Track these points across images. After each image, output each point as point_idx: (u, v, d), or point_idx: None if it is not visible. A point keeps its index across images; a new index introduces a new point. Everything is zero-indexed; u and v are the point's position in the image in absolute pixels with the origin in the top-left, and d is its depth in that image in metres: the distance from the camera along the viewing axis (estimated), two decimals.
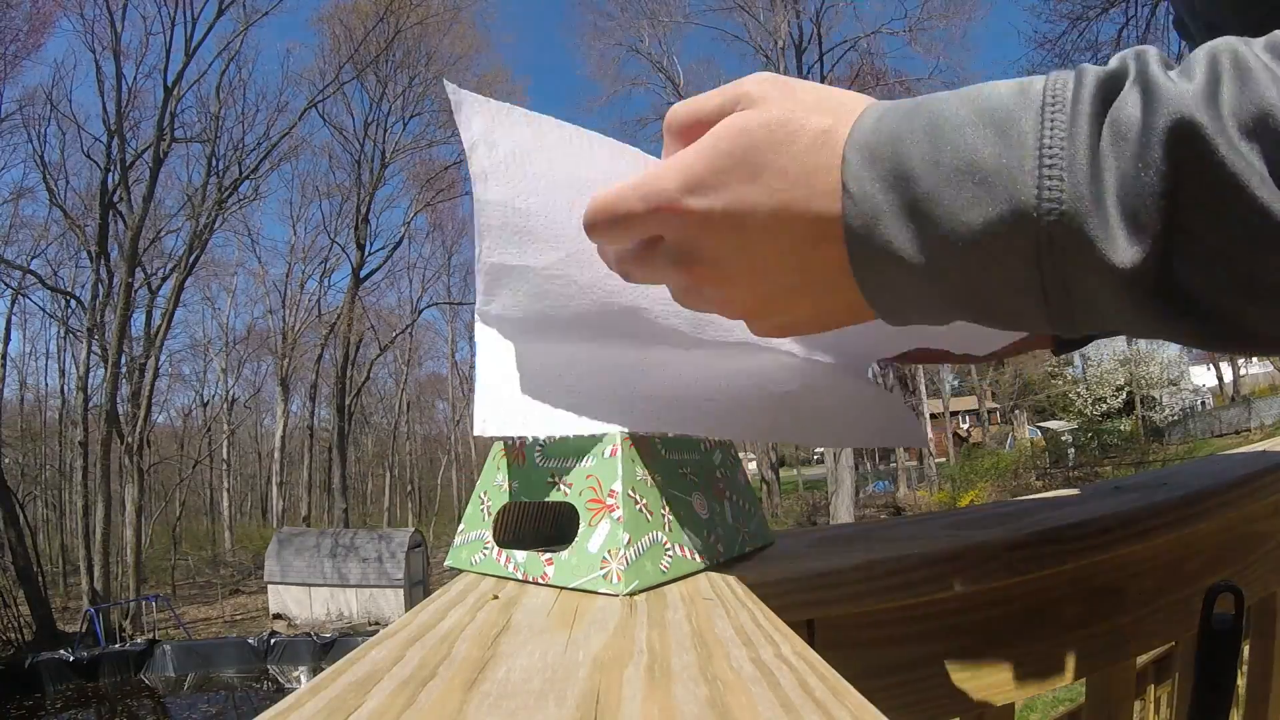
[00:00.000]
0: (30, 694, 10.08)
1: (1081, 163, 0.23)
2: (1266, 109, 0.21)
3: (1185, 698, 0.55)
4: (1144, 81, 0.23)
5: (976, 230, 0.25)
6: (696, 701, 0.20)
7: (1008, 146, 0.24)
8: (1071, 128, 0.24)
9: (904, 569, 0.44)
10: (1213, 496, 0.57)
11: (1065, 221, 0.23)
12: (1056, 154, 0.23)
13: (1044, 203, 0.23)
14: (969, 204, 0.25)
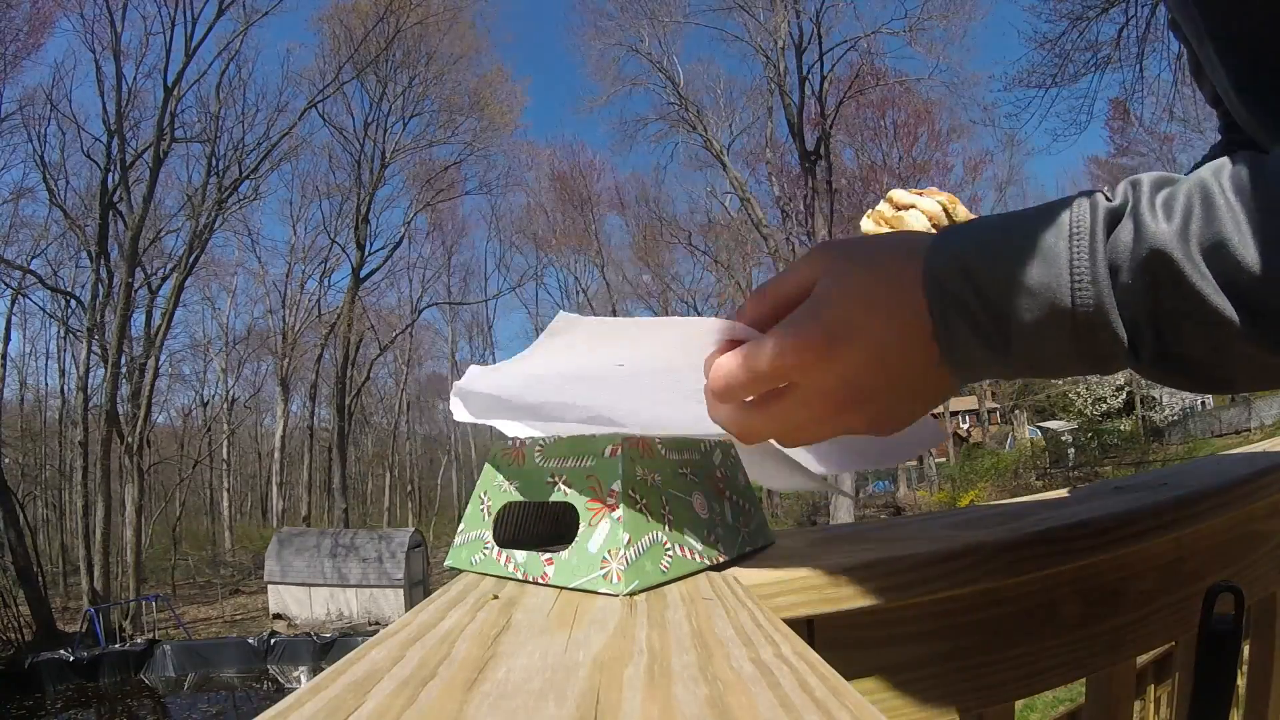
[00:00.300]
0: (30, 694, 10.08)
1: (1098, 277, 0.33)
2: (1223, 239, 0.31)
3: (1185, 698, 0.55)
4: (1135, 217, 0.33)
5: (1031, 325, 0.35)
6: (696, 701, 0.20)
7: (1048, 269, 0.34)
8: (1091, 252, 0.34)
9: (904, 569, 0.44)
10: (1213, 496, 0.57)
11: (1091, 315, 0.34)
12: (1082, 272, 0.34)
13: (1077, 306, 0.34)
14: (1024, 309, 0.35)
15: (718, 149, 18.96)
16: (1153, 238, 0.32)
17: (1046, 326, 0.35)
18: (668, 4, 19.34)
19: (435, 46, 21.41)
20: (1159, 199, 0.33)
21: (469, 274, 28.87)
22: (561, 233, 26.41)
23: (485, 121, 22.68)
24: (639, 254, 25.19)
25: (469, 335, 30.22)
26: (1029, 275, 0.34)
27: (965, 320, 0.36)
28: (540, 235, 27.17)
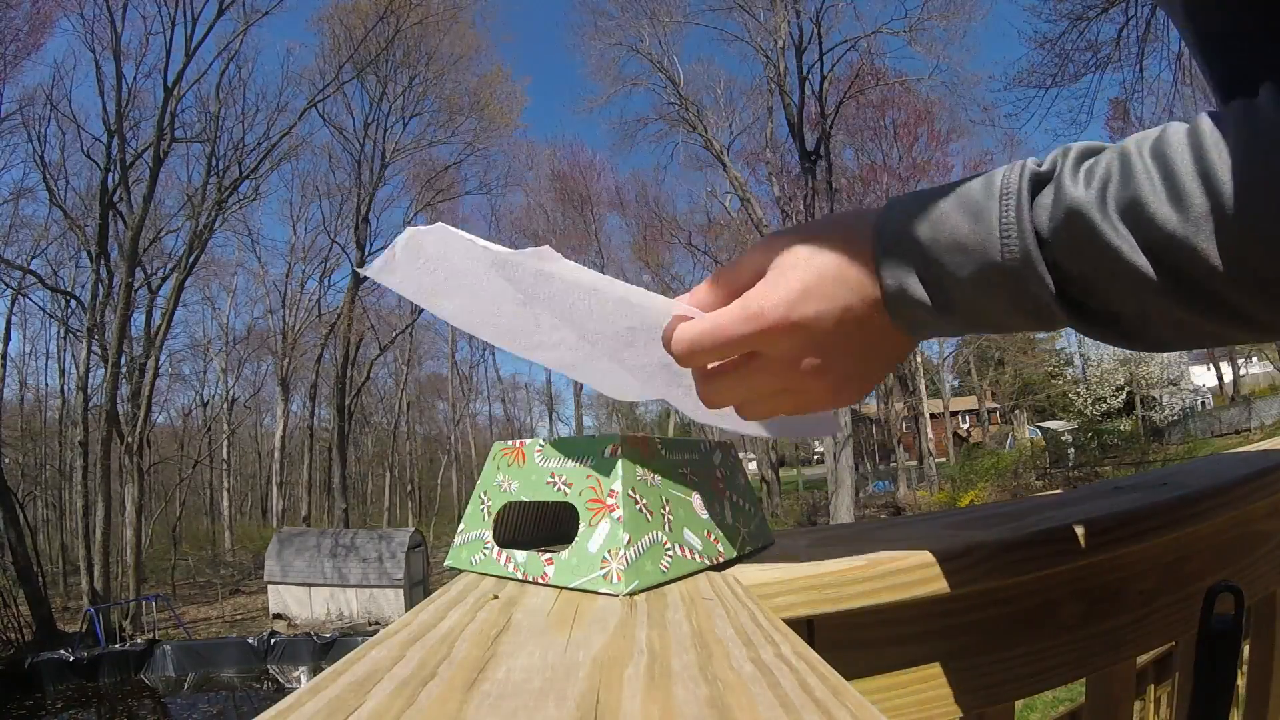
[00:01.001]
0: (30, 694, 10.08)
1: (1024, 232, 0.36)
2: (1139, 199, 0.32)
3: (1185, 698, 0.55)
4: (1057, 182, 0.36)
5: (968, 279, 0.38)
6: (696, 701, 0.20)
7: (980, 227, 0.37)
8: (1018, 210, 0.36)
9: (904, 569, 0.44)
10: (1213, 496, 0.57)
11: (1019, 269, 0.36)
12: (1010, 228, 0.36)
13: (1006, 260, 0.36)
14: (961, 265, 0.38)
15: (718, 149, 18.96)
16: (1070, 199, 0.34)
17: (981, 282, 0.37)
18: (668, 4, 19.34)
19: (435, 46, 21.41)
20: (1083, 166, 0.35)
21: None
22: (561, 233, 26.41)
23: (485, 121, 22.69)
24: (639, 254, 25.19)
25: (469, 335, 30.14)
26: (963, 233, 0.37)
27: (910, 279, 0.39)
28: (540, 235, 27.15)
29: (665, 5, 19.29)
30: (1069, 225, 0.35)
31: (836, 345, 0.41)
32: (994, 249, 0.36)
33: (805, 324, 0.40)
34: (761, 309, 0.40)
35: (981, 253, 0.37)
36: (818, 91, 17.24)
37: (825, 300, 0.40)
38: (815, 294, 0.40)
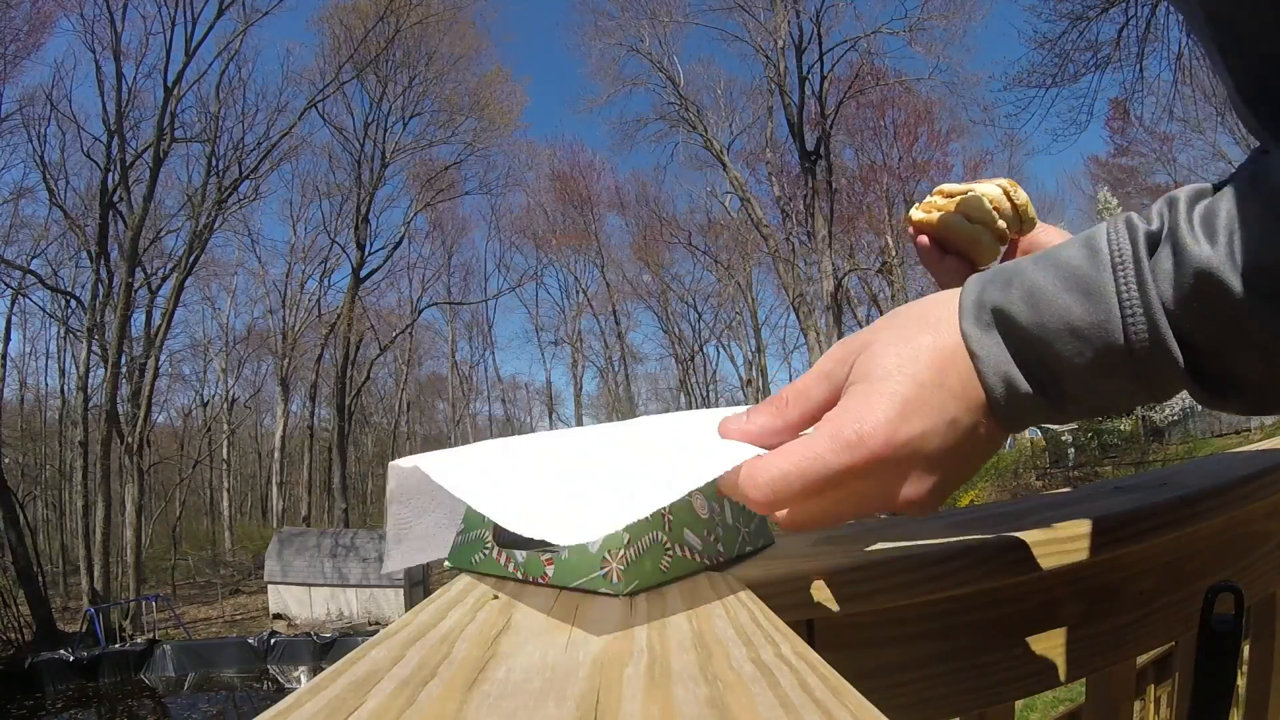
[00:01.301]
0: (30, 694, 10.08)
1: (1151, 308, 0.31)
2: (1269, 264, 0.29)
3: (1185, 698, 0.55)
4: (1174, 240, 0.31)
5: (1086, 368, 0.33)
6: (696, 701, 0.20)
7: (1096, 306, 0.32)
8: (1139, 283, 0.31)
9: (904, 569, 0.44)
10: (1213, 496, 0.57)
11: (1149, 350, 0.31)
12: (1133, 305, 0.31)
13: (1133, 343, 0.31)
14: (1076, 352, 0.33)
15: (718, 149, 18.97)
16: (1196, 260, 0.30)
17: (1102, 368, 0.32)
18: (668, 4, 19.36)
19: (435, 46, 21.42)
20: (1196, 217, 0.31)
21: (469, 274, 28.86)
22: (561, 233, 26.44)
23: (485, 121, 22.70)
24: (639, 254, 25.20)
25: (469, 335, 30.18)
26: (1075, 316, 0.32)
27: (1015, 374, 0.34)
28: (540, 235, 27.19)
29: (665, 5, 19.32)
30: (1199, 292, 0.30)
31: (943, 461, 0.35)
32: (1115, 331, 0.31)
33: (911, 445, 0.34)
34: (859, 434, 0.34)
35: (1101, 336, 0.32)
36: (818, 91, 17.25)
37: (929, 414, 0.34)
38: (917, 408, 0.34)
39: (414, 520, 0.49)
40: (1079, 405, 0.35)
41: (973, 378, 0.35)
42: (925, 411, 0.34)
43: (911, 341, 0.36)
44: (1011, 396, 0.34)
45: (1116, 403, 0.35)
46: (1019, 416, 0.35)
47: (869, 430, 0.34)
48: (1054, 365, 0.33)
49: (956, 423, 0.35)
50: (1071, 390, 0.34)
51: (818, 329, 17.27)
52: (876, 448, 0.34)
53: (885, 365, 0.35)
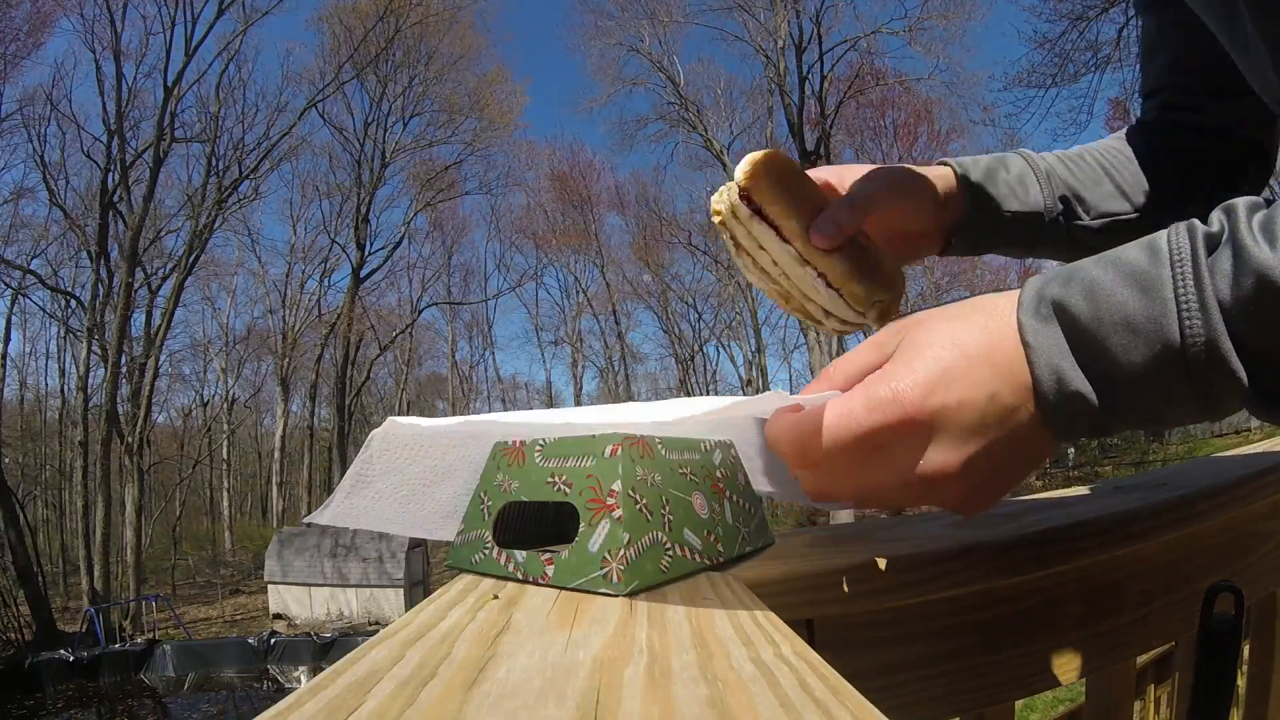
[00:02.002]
0: (30, 694, 10.08)
1: (1207, 304, 0.30)
2: None
3: (1185, 698, 0.55)
4: (1234, 243, 0.30)
5: (1139, 366, 0.32)
6: (696, 701, 0.20)
7: (1152, 301, 0.31)
8: (1195, 278, 0.31)
9: (904, 569, 0.44)
10: (1213, 496, 0.57)
11: (1204, 351, 0.30)
12: (1189, 302, 0.30)
13: (1186, 338, 0.30)
14: (1129, 348, 0.32)
15: (718, 149, 18.97)
16: (1257, 264, 0.29)
17: (1155, 366, 0.31)
18: (668, 4, 19.35)
19: (435, 46, 21.42)
20: (1256, 223, 0.30)
21: (469, 274, 28.87)
22: (561, 233, 26.43)
23: (485, 121, 22.70)
24: (639, 254, 25.19)
25: (469, 335, 30.20)
26: (1131, 309, 0.32)
27: (1067, 363, 0.33)
28: (540, 235, 27.19)
29: (665, 5, 19.31)
30: (1258, 294, 0.29)
31: (977, 437, 0.34)
32: (1170, 326, 0.31)
33: (947, 412, 0.34)
34: (895, 392, 0.34)
35: (1155, 331, 0.31)
36: (818, 91, 17.25)
37: (969, 385, 0.34)
38: (957, 376, 0.34)
39: (376, 478, 0.48)
40: (1127, 413, 0.33)
41: (1023, 364, 0.34)
42: (966, 382, 0.34)
43: (966, 320, 0.35)
44: (1061, 393, 0.33)
45: (1164, 413, 0.33)
46: (1066, 418, 0.34)
47: (904, 389, 0.33)
48: (1106, 362, 0.32)
49: (997, 398, 0.34)
50: (1121, 394, 0.32)
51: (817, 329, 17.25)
52: (909, 407, 0.33)
53: (934, 334, 0.35)
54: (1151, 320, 0.31)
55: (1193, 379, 0.31)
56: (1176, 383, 0.31)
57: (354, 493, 0.48)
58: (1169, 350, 0.31)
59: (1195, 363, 0.31)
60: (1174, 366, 0.31)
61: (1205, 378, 0.31)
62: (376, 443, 0.48)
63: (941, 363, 0.34)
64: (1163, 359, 0.31)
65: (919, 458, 0.35)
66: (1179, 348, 0.31)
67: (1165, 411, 0.33)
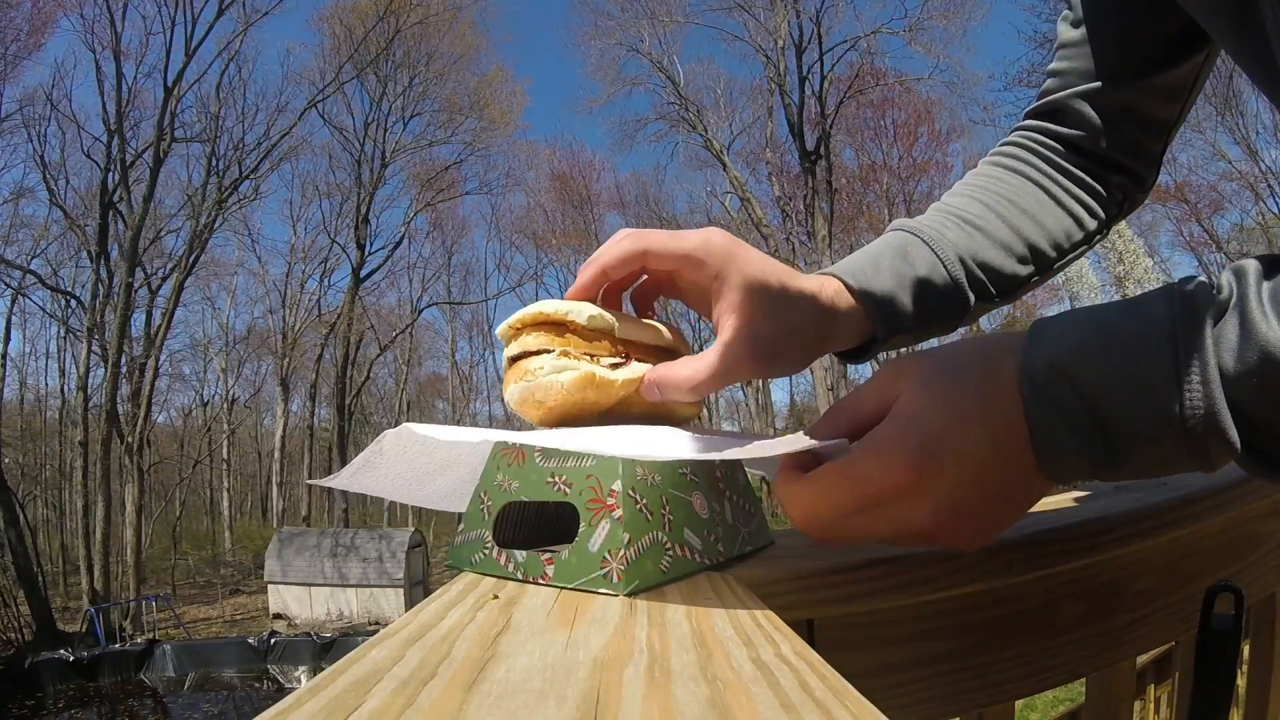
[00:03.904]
0: (31, 694, 10.08)
1: (1209, 378, 0.31)
2: None
3: (1185, 698, 0.55)
4: (1241, 314, 0.31)
5: (1136, 432, 0.32)
6: (696, 701, 0.20)
7: (1153, 368, 0.32)
8: (1199, 349, 0.31)
9: (904, 569, 0.44)
10: (1213, 496, 0.57)
11: (1201, 419, 0.31)
12: (1191, 373, 0.31)
13: (1186, 409, 0.31)
14: (1127, 413, 0.32)
15: (718, 149, 18.97)
16: (1263, 340, 0.30)
17: (1153, 431, 0.32)
18: (668, 4, 19.36)
19: (435, 46, 21.42)
20: (1265, 294, 0.31)
21: (469, 274, 28.88)
22: (561, 233, 26.42)
23: (485, 121, 22.70)
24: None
25: (469, 335, 30.22)
26: (1132, 377, 0.32)
27: (1065, 426, 0.34)
28: (540, 235, 27.18)
29: (665, 5, 19.32)
30: (1263, 372, 0.30)
31: (975, 501, 0.36)
32: (1171, 396, 0.31)
33: (940, 482, 0.35)
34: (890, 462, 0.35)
35: (1155, 400, 0.32)
36: (818, 91, 17.24)
37: (964, 452, 0.35)
38: (953, 444, 0.35)
39: (384, 465, 0.49)
40: (1123, 465, 0.34)
41: (1018, 420, 0.35)
42: (964, 445, 0.35)
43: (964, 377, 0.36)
44: (1057, 444, 0.34)
45: (1162, 468, 0.34)
46: (1063, 471, 0.35)
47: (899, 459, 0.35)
48: (1105, 421, 0.33)
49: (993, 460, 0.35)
50: (1119, 449, 0.33)
51: None
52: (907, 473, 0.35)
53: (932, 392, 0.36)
54: (1152, 389, 0.32)
55: (1189, 443, 0.32)
56: (1174, 445, 0.32)
57: (361, 473, 0.48)
58: (1167, 415, 0.32)
59: (1193, 432, 0.31)
60: (1172, 430, 0.32)
61: (1202, 443, 0.32)
62: (389, 440, 0.48)
63: (936, 426, 0.35)
64: (1162, 422, 0.32)
65: (917, 515, 0.36)
66: (1177, 413, 0.31)
67: (1164, 466, 0.34)
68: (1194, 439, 0.32)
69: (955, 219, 0.62)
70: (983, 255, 0.60)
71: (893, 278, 0.56)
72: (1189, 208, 17.48)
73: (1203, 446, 0.32)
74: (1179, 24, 0.57)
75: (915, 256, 0.58)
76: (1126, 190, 0.67)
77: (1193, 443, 0.32)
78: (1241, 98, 15.36)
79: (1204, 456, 0.32)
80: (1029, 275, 0.63)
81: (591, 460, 0.40)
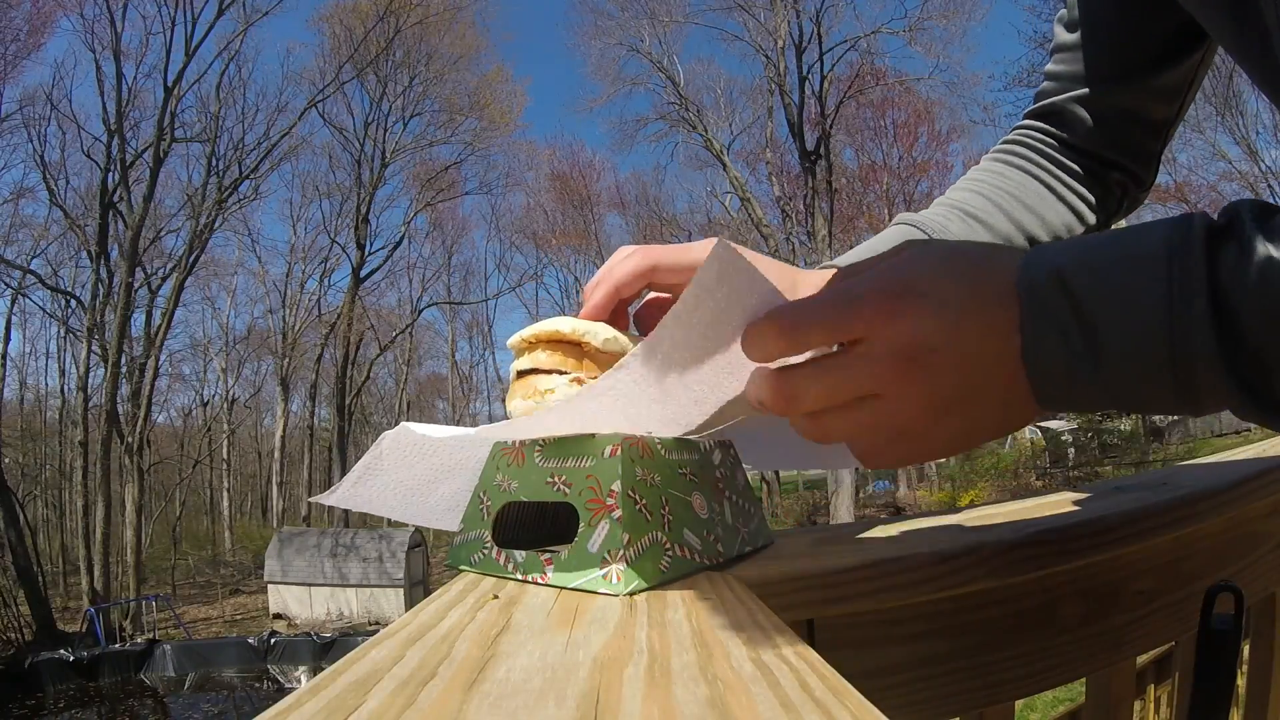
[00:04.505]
0: (31, 694, 10.08)
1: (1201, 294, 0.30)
2: None
3: (1185, 698, 0.55)
4: (1240, 239, 0.30)
5: (1123, 343, 0.32)
6: (696, 701, 0.21)
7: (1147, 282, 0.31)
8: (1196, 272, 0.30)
9: (904, 569, 0.44)
10: (1213, 496, 0.57)
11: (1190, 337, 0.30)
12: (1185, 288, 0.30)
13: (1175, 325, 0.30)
14: (1117, 325, 0.32)
15: (718, 149, 18.97)
16: (1260, 255, 0.29)
17: (1139, 346, 0.32)
18: (668, 4, 19.36)
19: (435, 46, 21.43)
20: (1263, 225, 0.30)
21: (469, 274, 28.89)
22: (561, 232, 26.42)
23: (485, 121, 22.71)
24: None
25: (469, 335, 30.23)
26: (1125, 290, 0.32)
27: (1055, 331, 0.33)
28: (540, 235, 27.18)
29: (665, 5, 19.32)
30: (1262, 287, 0.29)
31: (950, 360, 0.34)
32: (1159, 310, 0.31)
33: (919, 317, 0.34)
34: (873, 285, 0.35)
35: (1143, 314, 0.31)
36: (818, 91, 17.24)
37: (950, 298, 0.34)
38: (941, 289, 0.35)
39: (384, 472, 0.49)
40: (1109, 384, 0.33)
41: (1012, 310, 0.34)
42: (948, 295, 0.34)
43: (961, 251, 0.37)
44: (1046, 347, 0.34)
45: (1147, 393, 0.33)
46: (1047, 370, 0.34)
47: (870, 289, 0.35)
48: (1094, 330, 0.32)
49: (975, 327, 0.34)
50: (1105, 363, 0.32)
51: None
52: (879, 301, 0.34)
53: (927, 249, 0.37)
54: (1140, 304, 0.31)
55: (1177, 366, 0.31)
56: (1162, 368, 0.32)
57: (361, 483, 0.48)
58: (1155, 330, 0.31)
59: (1183, 353, 0.31)
60: (1158, 348, 0.31)
61: (1189, 368, 0.31)
62: (387, 442, 0.48)
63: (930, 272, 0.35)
64: (1149, 337, 0.31)
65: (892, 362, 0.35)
66: (1166, 328, 0.31)
67: (1145, 397, 0.33)
68: (1181, 363, 0.31)
69: (958, 212, 0.63)
70: None
71: None
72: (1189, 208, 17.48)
73: (1189, 371, 0.31)
74: (1177, 23, 0.57)
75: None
76: (1126, 187, 0.68)
77: (1180, 368, 0.31)
78: (1241, 98, 15.36)
79: (1188, 384, 0.31)
80: None
81: (591, 460, 0.40)
